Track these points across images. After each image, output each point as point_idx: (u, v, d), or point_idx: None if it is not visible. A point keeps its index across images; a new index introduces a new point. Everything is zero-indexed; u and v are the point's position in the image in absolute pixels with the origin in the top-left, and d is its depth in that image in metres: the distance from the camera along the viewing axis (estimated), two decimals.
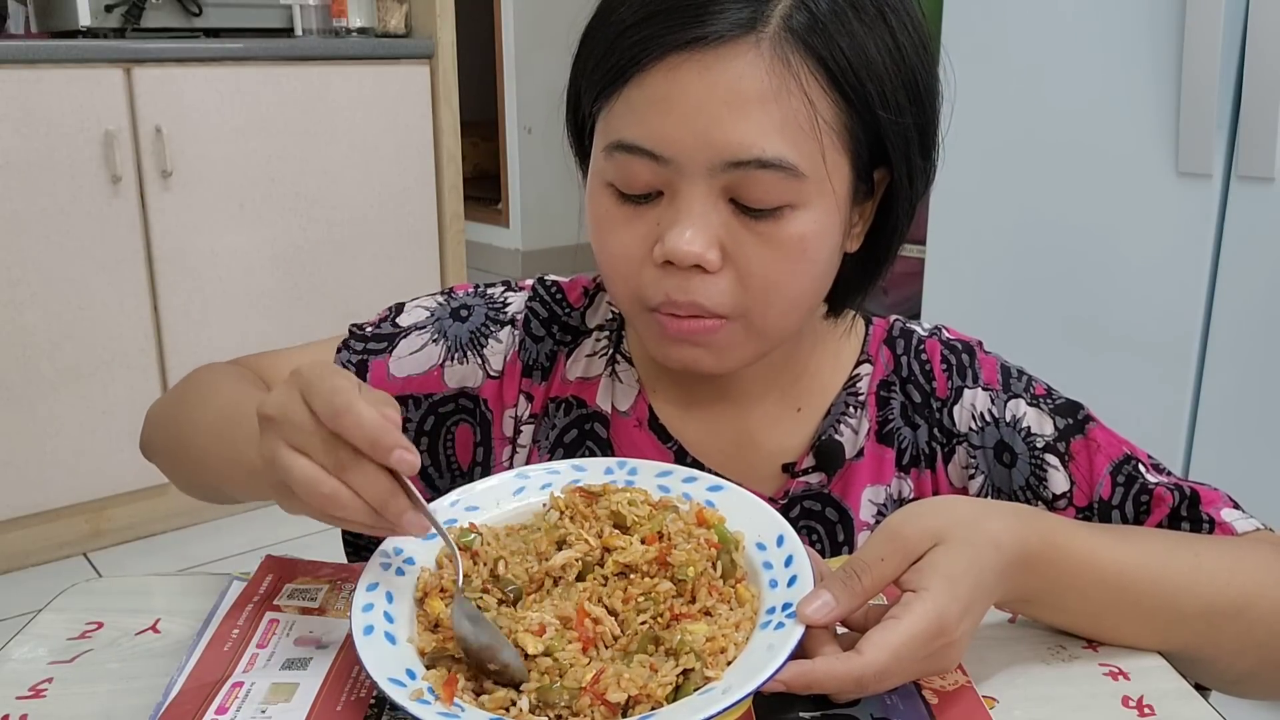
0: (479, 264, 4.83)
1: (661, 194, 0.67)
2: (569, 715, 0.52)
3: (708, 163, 0.64)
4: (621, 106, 0.66)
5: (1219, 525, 0.71)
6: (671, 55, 0.63)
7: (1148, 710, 0.58)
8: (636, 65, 0.65)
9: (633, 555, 0.59)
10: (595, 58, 0.68)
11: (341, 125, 2.54)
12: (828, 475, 0.79)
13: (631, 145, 0.66)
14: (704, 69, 0.63)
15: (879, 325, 0.83)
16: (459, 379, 0.82)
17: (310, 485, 0.55)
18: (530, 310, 0.84)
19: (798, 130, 0.64)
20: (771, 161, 0.63)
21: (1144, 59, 1.76)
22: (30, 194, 2.18)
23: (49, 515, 2.34)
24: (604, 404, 0.82)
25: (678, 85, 0.64)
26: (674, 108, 0.64)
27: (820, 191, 0.66)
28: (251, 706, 0.55)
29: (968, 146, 2.06)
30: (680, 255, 0.65)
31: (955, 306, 2.16)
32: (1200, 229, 1.76)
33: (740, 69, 0.63)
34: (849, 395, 0.80)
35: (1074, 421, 0.76)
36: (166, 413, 0.85)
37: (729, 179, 0.65)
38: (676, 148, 0.64)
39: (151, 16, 2.41)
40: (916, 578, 0.56)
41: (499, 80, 4.82)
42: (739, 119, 0.63)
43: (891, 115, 0.66)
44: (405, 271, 2.71)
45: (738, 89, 0.63)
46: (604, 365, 0.82)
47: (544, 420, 0.82)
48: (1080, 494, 0.75)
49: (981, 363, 0.80)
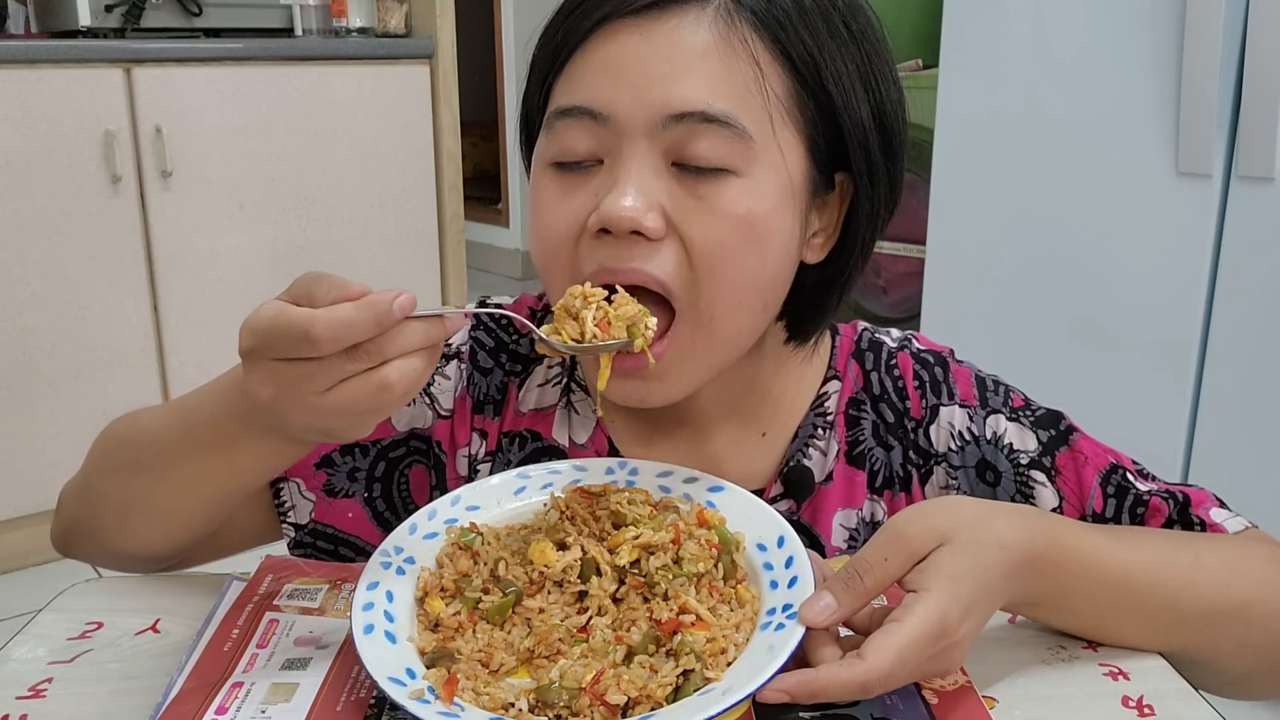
0: (479, 264, 4.83)
1: (601, 163, 0.65)
2: (569, 715, 0.52)
3: (648, 120, 0.62)
4: (564, 81, 0.65)
5: (1210, 527, 0.71)
6: (612, 22, 0.63)
7: (1148, 710, 0.58)
8: (577, 35, 0.64)
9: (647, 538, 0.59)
10: (541, 46, 0.68)
11: (341, 125, 2.54)
12: (797, 502, 0.76)
13: (569, 108, 0.64)
14: (646, 31, 0.62)
15: (846, 336, 0.80)
16: (407, 421, 0.79)
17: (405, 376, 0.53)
18: (475, 341, 0.80)
19: (744, 92, 0.63)
20: (716, 116, 0.62)
21: (1144, 59, 1.76)
22: (30, 194, 2.18)
23: (49, 515, 2.32)
24: (560, 437, 0.78)
25: (616, 45, 0.63)
26: (612, 66, 0.63)
27: (770, 164, 0.64)
28: (251, 706, 0.55)
29: (968, 146, 2.06)
30: (616, 218, 0.62)
31: (955, 306, 2.16)
32: (1200, 229, 1.75)
33: (684, 29, 0.62)
34: (816, 416, 0.77)
35: (1057, 433, 0.75)
36: (94, 479, 0.76)
37: (671, 138, 0.63)
38: (615, 105, 0.62)
39: (151, 16, 2.41)
40: (919, 578, 0.55)
41: (499, 80, 4.82)
42: (681, 73, 0.62)
43: (850, 104, 0.65)
44: (405, 271, 2.70)
45: (680, 46, 0.62)
46: (558, 395, 0.79)
47: (499, 456, 0.79)
48: (1070, 509, 0.73)
49: (956, 376, 0.77)
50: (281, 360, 0.54)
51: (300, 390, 0.54)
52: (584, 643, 0.56)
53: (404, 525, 0.65)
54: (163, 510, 0.70)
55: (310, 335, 0.52)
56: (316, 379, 0.53)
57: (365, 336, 0.52)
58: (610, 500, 0.63)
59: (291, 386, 0.54)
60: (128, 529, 0.72)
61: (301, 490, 0.78)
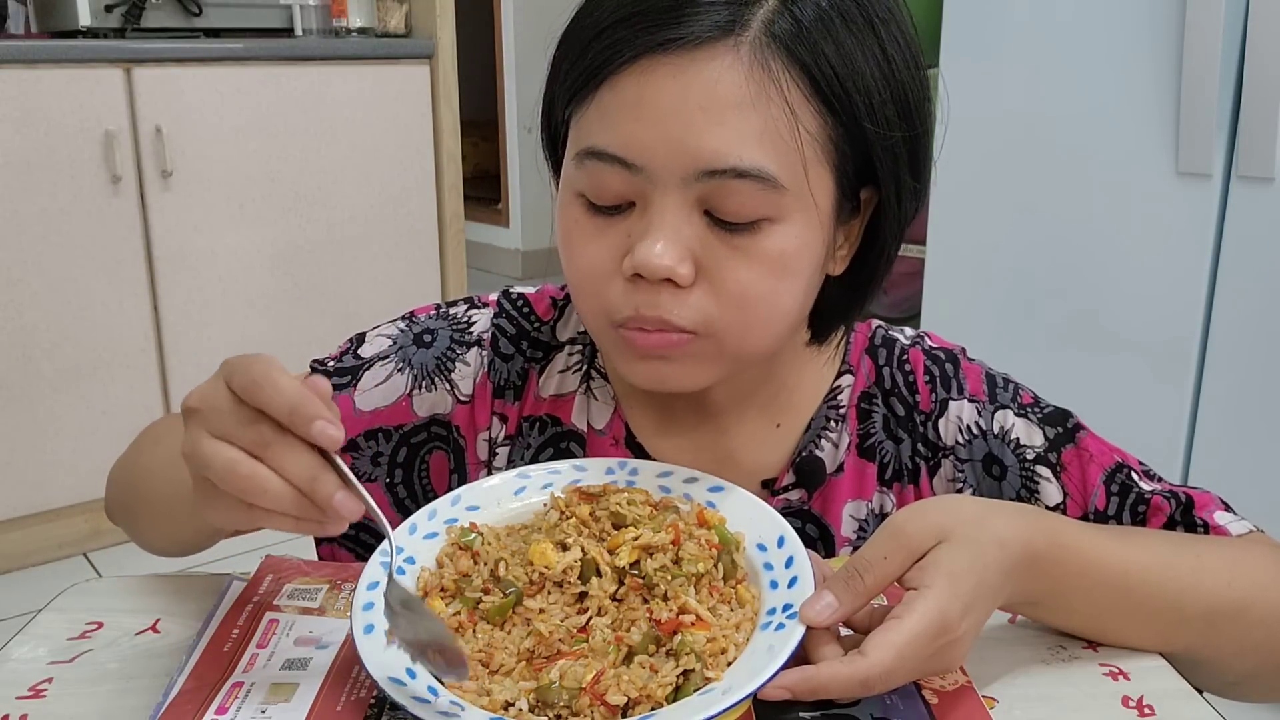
0: (479, 264, 4.83)
1: (633, 205, 0.64)
2: (569, 715, 0.52)
3: (681, 171, 0.61)
4: (594, 111, 0.64)
5: (1213, 529, 0.71)
6: (645, 58, 0.61)
7: (1147, 710, 0.58)
8: (610, 67, 0.62)
9: (647, 539, 0.59)
10: (570, 60, 0.65)
11: (341, 125, 2.54)
12: (808, 492, 0.77)
13: (602, 152, 0.63)
14: (678, 71, 0.60)
15: (860, 332, 0.80)
16: (429, 407, 0.79)
17: (228, 468, 0.52)
18: (497, 328, 0.80)
19: (778, 139, 0.61)
20: (749, 171, 0.61)
21: (1144, 59, 1.76)
22: (30, 194, 2.18)
23: (49, 515, 2.34)
24: (579, 422, 0.79)
25: (650, 88, 0.61)
26: (646, 112, 0.61)
27: (801, 206, 0.63)
28: (251, 706, 0.55)
29: (968, 146, 2.06)
30: (650, 268, 0.62)
31: (955, 306, 2.16)
32: (1200, 229, 1.75)
33: (717, 73, 0.60)
34: (829, 409, 0.77)
35: (1064, 430, 0.75)
36: (122, 469, 0.82)
37: (703, 189, 0.62)
38: (648, 155, 0.61)
39: (151, 16, 2.41)
40: (919, 575, 0.55)
41: (499, 80, 4.82)
42: (715, 125, 0.60)
43: (879, 129, 0.64)
44: (405, 271, 2.71)
45: (714, 94, 0.60)
46: (578, 381, 0.80)
47: (519, 440, 0.79)
48: (1074, 505, 0.73)
49: (966, 372, 0.78)
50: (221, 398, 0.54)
51: (204, 414, 0.54)
52: (584, 643, 0.56)
53: (404, 525, 0.65)
54: (172, 538, 0.78)
55: (250, 369, 0.53)
56: (221, 417, 0.53)
57: (270, 410, 0.52)
58: (610, 501, 0.63)
59: (210, 409, 0.54)
60: (141, 533, 0.81)
61: None
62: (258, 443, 0.52)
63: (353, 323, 2.61)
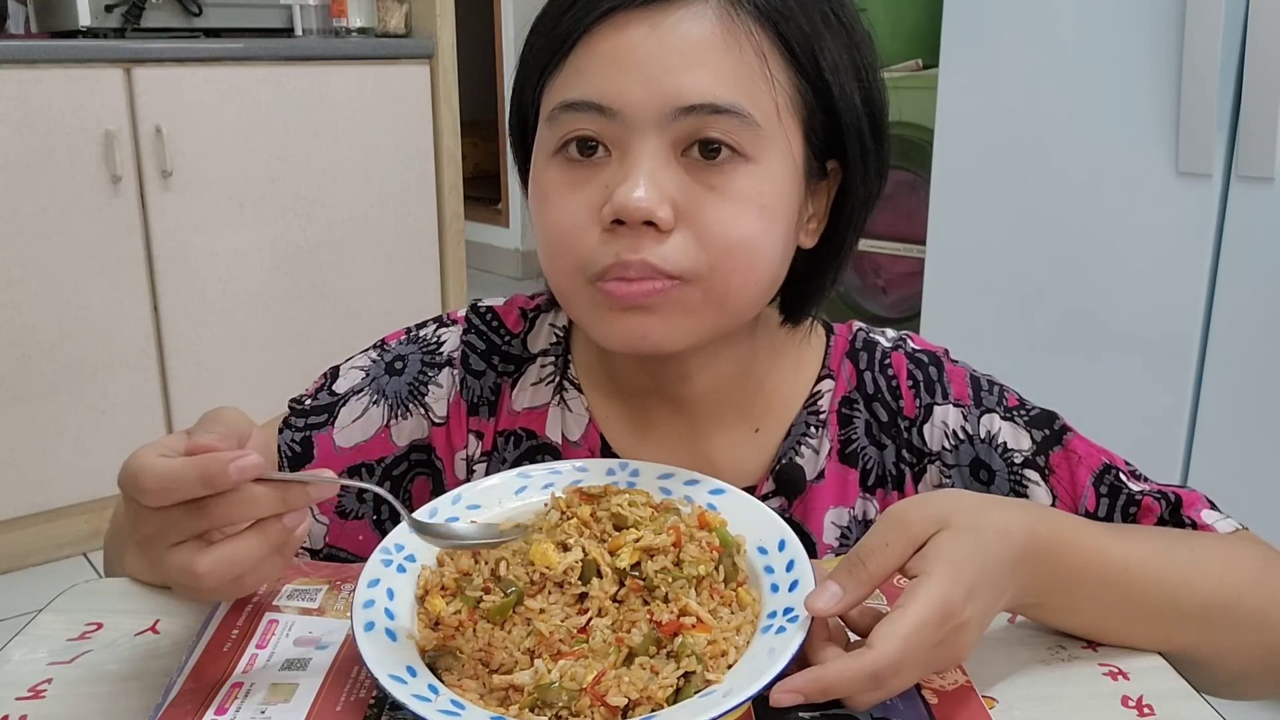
0: (479, 264, 4.84)
1: (610, 155, 0.65)
2: (569, 716, 0.52)
3: (658, 112, 0.63)
4: (568, 72, 0.65)
5: (1201, 528, 0.71)
6: (619, 14, 0.63)
7: (1147, 710, 0.58)
8: (583, 28, 0.64)
9: (648, 540, 0.59)
10: (543, 33, 0.67)
11: (341, 125, 2.54)
12: (788, 499, 0.76)
13: (576, 102, 0.64)
14: (653, 25, 0.63)
15: (840, 335, 0.80)
16: (407, 435, 0.79)
17: (211, 570, 0.53)
18: (467, 344, 0.80)
19: (750, 81, 0.63)
20: (725, 107, 0.62)
21: (1144, 59, 1.76)
22: (30, 194, 2.18)
23: (49, 515, 2.34)
24: (553, 434, 0.78)
25: (626, 41, 0.63)
26: (622, 60, 0.63)
27: (777, 150, 0.65)
28: (251, 707, 0.55)
29: (968, 146, 2.06)
30: (630, 210, 0.62)
31: (955, 307, 2.16)
32: (1200, 229, 1.75)
33: (690, 23, 0.63)
34: (809, 414, 0.77)
35: (1050, 433, 0.75)
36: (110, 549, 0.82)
37: (681, 129, 0.63)
38: (624, 99, 0.63)
39: (151, 16, 2.41)
40: (920, 563, 0.55)
41: (499, 80, 4.83)
42: (691, 66, 0.62)
43: (844, 98, 0.67)
44: (405, 271, 2.71)
45: (689, 39, 0.63)
46: (551, 393, 0.79)
47: (494, 455, 0.79)
48: (1063, 508, 0.73)
49: (950, 376, 0.77)
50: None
51: (154, 541, 0.54)
52: (584, 643, 0.56)
53: (405, 523, 0.65)
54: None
55: (138, 485, 0.52)
56: (167, 533, 0.54)
57: (192, 494, 0.52)
58: (611, 502, 0.63)
59: (154, 532, 0.54)
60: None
61: (316, 514, 0.79)
62: (209, 525, 0.53)
63: (353, 323, 2.61)
